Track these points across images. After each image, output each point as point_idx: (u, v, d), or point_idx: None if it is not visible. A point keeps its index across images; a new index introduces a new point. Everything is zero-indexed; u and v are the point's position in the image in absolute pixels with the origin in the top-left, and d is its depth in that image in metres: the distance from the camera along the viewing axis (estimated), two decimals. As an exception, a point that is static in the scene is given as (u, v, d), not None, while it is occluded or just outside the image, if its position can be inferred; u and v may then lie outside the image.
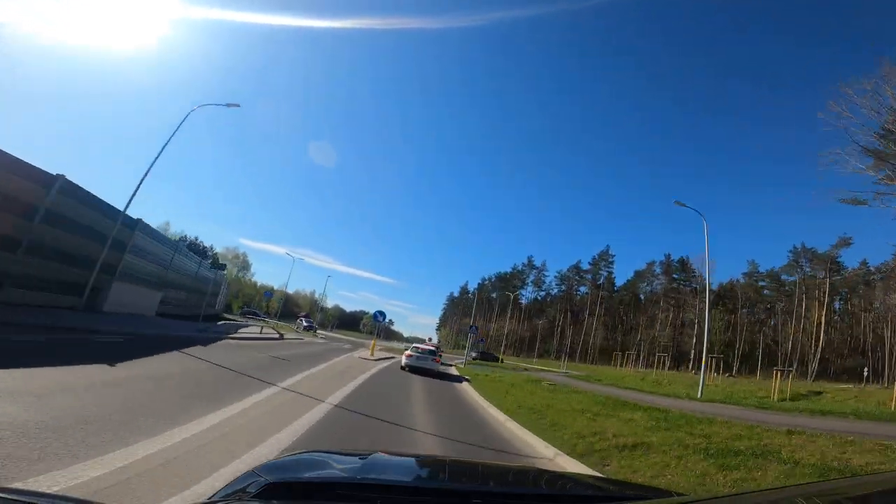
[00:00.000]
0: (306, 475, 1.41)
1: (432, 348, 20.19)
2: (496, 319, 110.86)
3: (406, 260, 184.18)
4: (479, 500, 1.28)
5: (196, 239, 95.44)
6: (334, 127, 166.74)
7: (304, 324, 47.59)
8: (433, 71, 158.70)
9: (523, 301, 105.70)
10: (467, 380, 17.68)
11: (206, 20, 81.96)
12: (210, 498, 1.33)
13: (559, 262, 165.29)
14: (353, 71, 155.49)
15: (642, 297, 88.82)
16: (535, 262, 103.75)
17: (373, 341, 25.34)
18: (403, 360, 17.97)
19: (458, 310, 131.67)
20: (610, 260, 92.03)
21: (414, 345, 22.32)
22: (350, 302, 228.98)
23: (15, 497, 0.83)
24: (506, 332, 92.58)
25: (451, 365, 32.10)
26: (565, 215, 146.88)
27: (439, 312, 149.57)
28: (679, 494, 1.85)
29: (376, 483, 1.36)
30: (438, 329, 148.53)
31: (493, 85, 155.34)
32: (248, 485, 1.16)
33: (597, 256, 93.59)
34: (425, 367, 17.50)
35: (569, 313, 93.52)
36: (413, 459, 2.19)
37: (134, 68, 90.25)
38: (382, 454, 1.96)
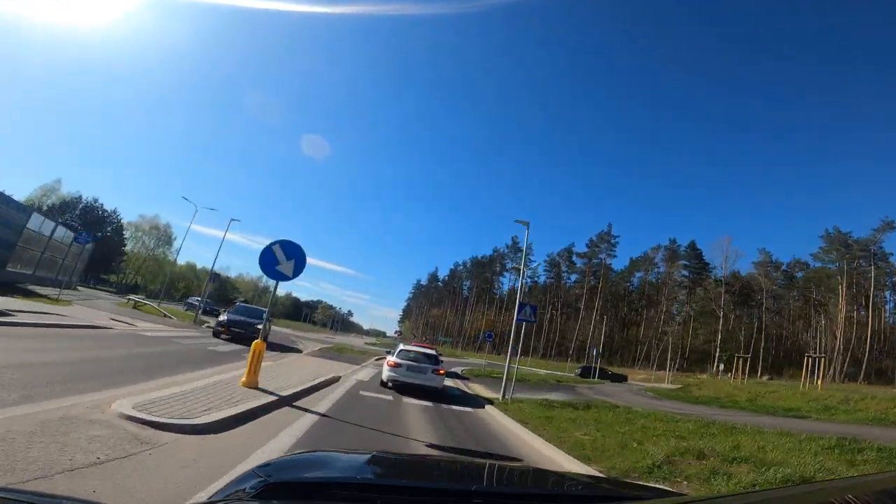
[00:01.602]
0: (306, 475, 1.37)
1: (430, 351, 13.02)
2: (472, 311, 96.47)
3: (368, 248, 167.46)
4: (479, 500, 1.26)
5: (96, 201, 75.46)
6: (299, 112, 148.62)
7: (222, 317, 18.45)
8: (402, 53, 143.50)
9: (502, 291, 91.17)
10: None
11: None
12: (210, 497, 1.35)
13: (550, 246, 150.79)
14: (324, 57, 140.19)
15: (647, 286, 76.60)
16: (520, 244, 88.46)
17: (253, 347, 7.08)
18: (385, 371, 11.81)
19: (426, 300, 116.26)
20: (613, 242, 78.16)
21: (402, 347, 13.18)
22: (306, 292, 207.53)
23: (15, 497, 0.81)
24: (485, 322, 77.22)
25: (463, 377, 20.59)
26: (556, 203, 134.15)
27: (403, 304, 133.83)
28: (679, 494, 1.99)
29: (376, 483, 1.36)
30: (402, 322, 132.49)
31: (472, 62, 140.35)
32: (248, 484, 1.11)
33: (595, 238, 79.63)
34: (421, 384, 11.24)
35: (559, 304, 79.81)
36: (413, 459, 2.35)
37: (104, 47, 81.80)
38: (382, 454, 2.02)
